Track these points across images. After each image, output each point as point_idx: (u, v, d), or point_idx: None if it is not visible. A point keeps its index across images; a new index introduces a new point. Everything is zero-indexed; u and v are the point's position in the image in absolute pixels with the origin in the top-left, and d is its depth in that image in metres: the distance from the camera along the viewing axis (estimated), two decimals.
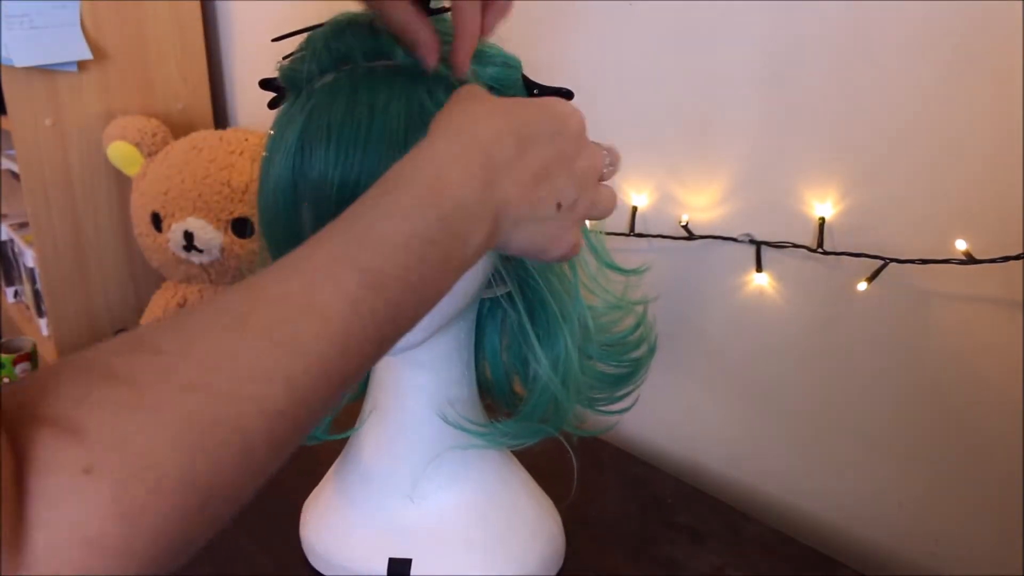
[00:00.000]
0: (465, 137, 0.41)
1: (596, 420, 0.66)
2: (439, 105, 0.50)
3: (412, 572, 0.62)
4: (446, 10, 0.53)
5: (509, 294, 0.59)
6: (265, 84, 0.57)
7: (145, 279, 1.51)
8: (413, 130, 0.49)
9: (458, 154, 0.40)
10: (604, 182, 0.49)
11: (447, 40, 0.51)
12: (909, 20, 0.65)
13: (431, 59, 0.49)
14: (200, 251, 1.31)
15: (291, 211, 0.52)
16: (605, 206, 0.49)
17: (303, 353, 0.33)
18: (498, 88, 0.52)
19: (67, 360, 0.30)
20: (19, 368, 1.57)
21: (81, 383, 0.29)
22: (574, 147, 0.46)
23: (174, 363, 0.30)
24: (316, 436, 0.66)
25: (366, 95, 0.49)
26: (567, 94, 0.55)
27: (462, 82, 0.50)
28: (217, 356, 0.31)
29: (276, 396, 0.31)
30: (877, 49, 0.68)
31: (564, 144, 0.45)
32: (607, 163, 0.49)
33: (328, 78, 0.52)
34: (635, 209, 0.87)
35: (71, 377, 0.29)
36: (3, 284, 1.78)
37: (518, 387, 0.65)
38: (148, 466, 0.28)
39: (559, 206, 0.45)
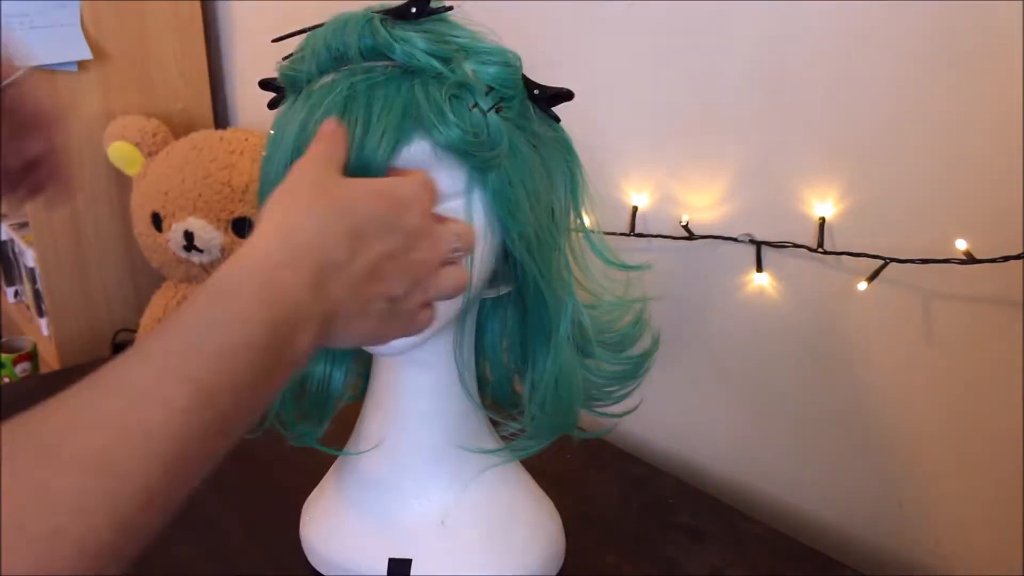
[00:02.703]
0: (297, 239, 0.40)
1: (597, 420, 0.66)
2: (436, 105, 0.49)
3: (412, 572, 0.62)
4: (447, 9, 0.53)
5: (510, 294, 0.59)
6: (265, 84, 0.57)
7: (145, 279, 1.51)
8: (410, 131, 0.49)
9: (288, 260, 0.39)
10: (451, 263, 0.49)
11: (446, 40, 0.51)
12: (909, 20, 0.65)
13: None
14: (200, 251, 1.31)
15: None
16: (448, 290, 0.49)
17: (126, 479, 0.30)
18: (498, 88, 0.52)
19: None
20: (19, 368, 1.57)
21: None
22: (410, 240, 0.45)
23: None
24: (306, 442, 0.65)
25: (364, 96, 0.49)
26: (567, 95, 0.55)
27: (460, 84, 0.50)
28: (23, 493, 0.28)
29: (99, 529, 0.29)
30: (877, 49, 0.68)
31: (399, 238, 0.44)
32: (452, 247, 0.48)
33: (327, 79, 0.52)
34: (635, 209, 0.87)
35: None
36: (3, 284, 1.78)
37: (518, 386, 0.65)
38: None
39: (392, 300, 0.45)
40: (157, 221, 1.34)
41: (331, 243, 0.41)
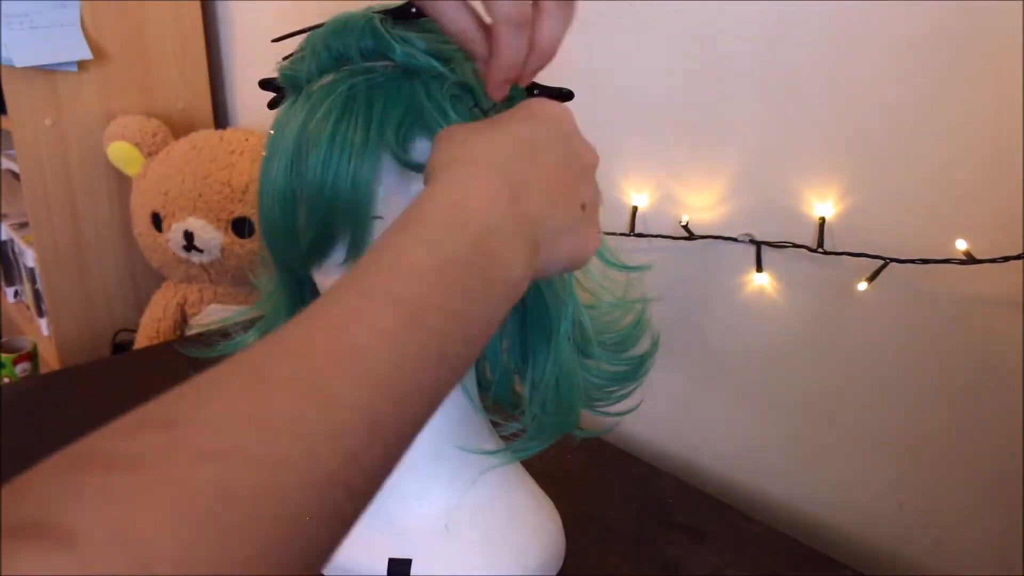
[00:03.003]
0: (475, 163, 0.39)
1: (597, 420, 0.66)
2: (437, 105, 0.49)
3: (412, 572, 0.62)
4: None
5: None
6: (265, 84, 0.57)
7: (145, 279, 1.51)
8: (411, 131, 0.49)
9: (473, 177, 0.38)
10: None
11: (446, 40, 0.51)
12: (909, 20, 0.65)
13: (490, 89, 0.47)
14: (200, 251, 1.31)
15: (289, 212, 0.52)
16: (601, 197, 0.49)
17: (344, 406, 0.28)
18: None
19: (66, 450, 0.25)
20: (19, 368, 1.57)
21: (76, 475, 0.23)
22: (575, 145, 0.45)
23: (184, 434, 0.25)
24: None
25: (364, 96, 0.49)
26: (567, 94, 0.55)
27: (461, 84, 0.50)
28: (236, 418, 0.26)
29: (321, 457, 0.27)
30: (877, 49, 0.68)
31: (567, 144, 0.44)
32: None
33: (327, 79, 0.52)
34: (635, 209, 0.87)
35: (64, 470, 0.24)
36: (3, 284, 1.78)
37: (518, 386, 0.65)
38: (160, 558, 0.22)
39: (583, 207, 0.44)
40: (157, 221, 1.34)
41: (512, 157, 0.41)
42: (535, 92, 0.54)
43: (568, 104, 0.55)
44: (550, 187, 0.42)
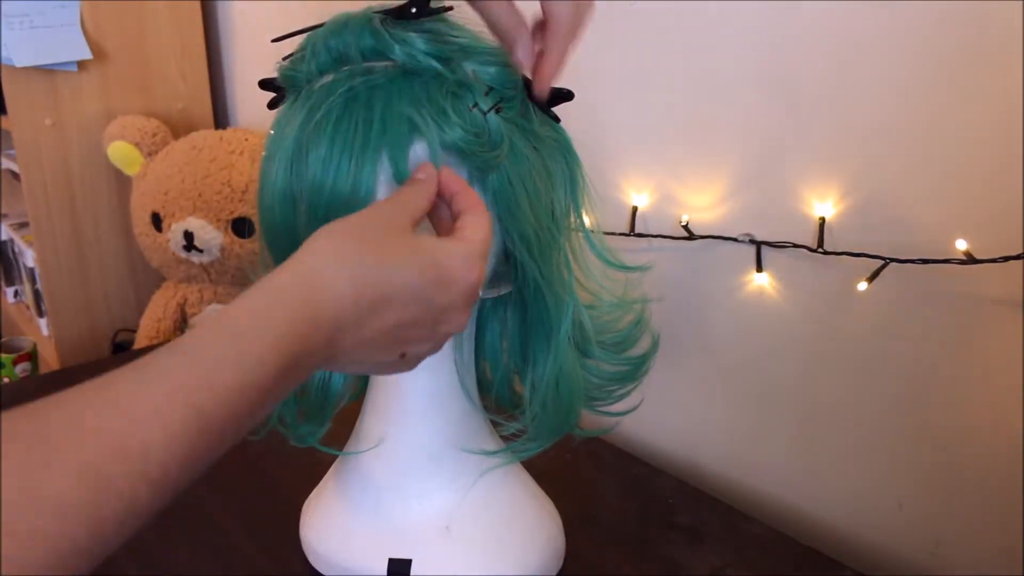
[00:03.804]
0: (325, 294, 0.40)
1: (597, 420, 0.66)
2: (437, 105, 0.49)
3: (412, 572, 0.62)
4: (447, 9, 0.53)
5: (510, 293, 0.59)
6: (265, 84, 0.57)
7: (145, 279, 1.51)
8: (410, 132, 0.49)
9: (315, 313, 0.39)
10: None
11: (445, 40, 0.51)
12: (909, 20, 0.65)
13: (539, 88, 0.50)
14: (200, 251, 1.31)
15: (288, 212, 0.52)
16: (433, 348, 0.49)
17: (114, 494, 0.30)
18: (498, 88, 0.52)
19: None
20: (19, 368, 1.57)
21: None
22: (441, 315, 0.45)
23: None
24: (307, 442, 0.65)
25: (364, 96, 0.49)
26: (567, 95, 0.55)
27: (461, 84, 0.50)
28: (11, 488, 0.28)
29: (76, 537, 0.29)
30: (877, 49, 0.68)
31: (431, 312, 0.44)
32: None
33: (327, 79, 0.51)
34: (635, 209, 0.87)
35: None
36: (3, 284, 1.78)
37: (518, 386, 0.65)
38: None
39: (403, 355, 0.46)
40: (157, 221, 1.34)
41: (358, 307, 0.41)
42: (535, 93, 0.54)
43: (568, 104, 0.55)
44: (375, 339, 0.43)
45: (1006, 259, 0.62)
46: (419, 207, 0.47)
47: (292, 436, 0.65)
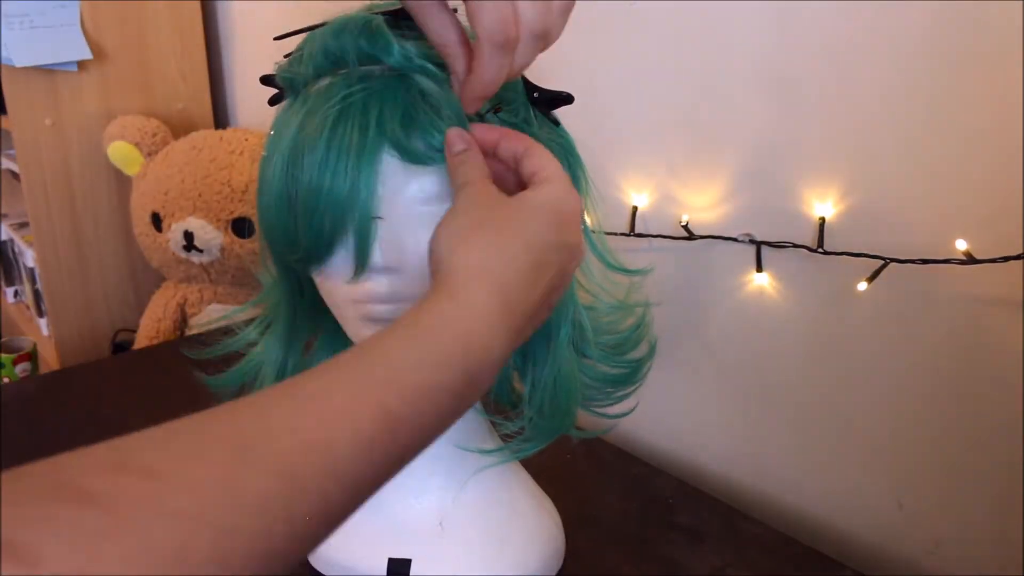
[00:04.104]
0: (484, 278, 0.41)
1: (595, 421, 0.66)
2: (434, 110, 0.49)
3: (412, 572, 0.62)
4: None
5: None
6: (266, 80, 0.57)
7: (145, 279, 1.51)
8: (407, 136, 0.49)
9: (483, 305, 0.40)
10: None
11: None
12: (909, 20, 0.65)
13: (464, 103, 0.48)
14: (200, 251, 1.31)
15: (285, 214, 0.52)
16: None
17: (308, 491, 0.31)
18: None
19: (36, 470, 0.27)
20: (19, 368, 1.57)
21: (52, 503, 0.25)
22: (574, 253, 0.47)
23: (165, 489, 0.27)
24: None
25: (361, 100, 0.49)
26: (567, 99, 0.54)
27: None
28: (212, 486, 0.28)
29: (273, 534, 0.30)
30: (877, 49, 0.68)
31: (566, 255, 0.46)
32: None
33: (323, 82, 0.51)
34: (635, 209, 0.87)
35: (41, 495, 0.26)
36: (3, 284, 1.78)
37: (518, 384, 0.65)
38: None
39: (551, 308, 0.47)
40: (157, 221, 1.34)
41: (520, 283, 0.42)
42: (535, 95, 0.54)
43: (568, 107, 0.55)
44: (540, 301, 0.44)
45: (1006, 259, 0.62)
46: (488, 176, 0.47)
47: None
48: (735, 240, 0.80)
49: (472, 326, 0.39)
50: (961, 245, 0.65)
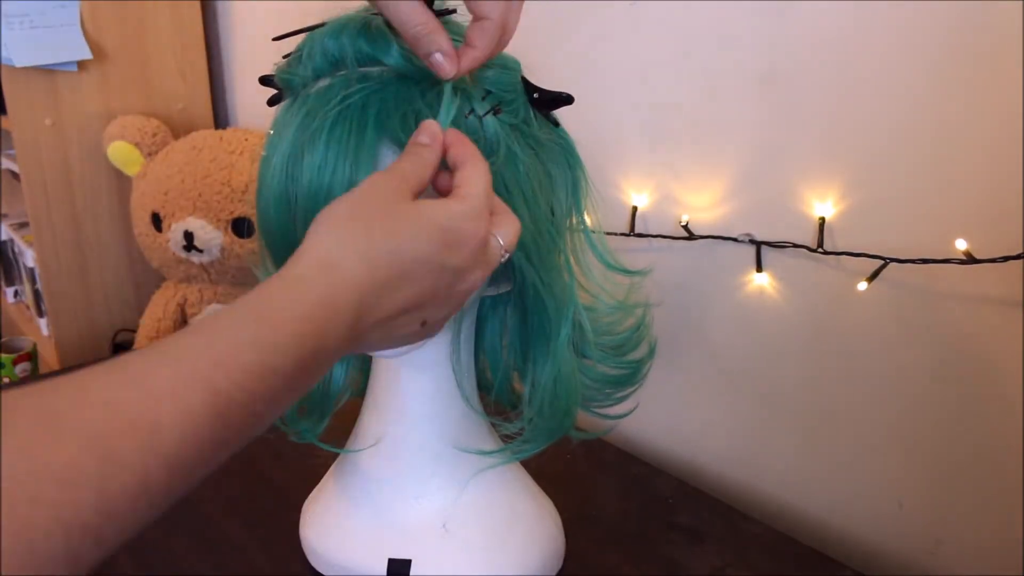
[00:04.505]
0: (341, 277, 0.40)
1: (595, 421, 0.66)
2: (433, 110, 0.49)
3: (412, 572, 0.62)
4: (450, 12, 0.52)
5: (510, 292, 0.59)
6: (265, 81, 0.57)
7: (145, 279, 1.51)
8: (406, 136, 0.49)
9: (328, 298, 0.39)
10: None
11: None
12: (909, 19, 0.65)
13: (447, 69, 0.47)
14: (200, 251, 1.31)
15: (284, 214, 0.52)
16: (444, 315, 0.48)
17: (122, 467, 0.30)
18: (495, 92, 0.52)
19: None
20: (19, 368, 1.57)
21: None
22: (458, 276, 0.45)
23: None
24: (306, 438, 0.65)
25: (359, 101, 0.49)
26: (567, 99, 0.54)
27: (457, 89, 0.50)
28: (17, 455, 0.28)
29: (82, 506, 0.28)
30: (877, 49, 0.68)
31: (446, 277, 0.44)
32: (502, 260, 0.48)
33: (322, 83, 0.51)
34: (635, 209, 0.87)
35: None
36: (3, 284, 1.78)
37: (518, 384, 0.65)
38: None
39: (423, 323, 0.45)
40: (157, 221, 1.34)
41: (374, 288, 0.41)
42: (535, 96, 0.54)
43: (568, 107, 0.55)
44: (396, 313, 0.43)
45: (1006, 259, 0.62)
46: (420, 177, 0.46)
47: (292, 432, 0.65)
48: (735, 240, 0.80)
49: (309, 312, 0.38)
50: (961, 245, 0.65)
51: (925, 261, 0.67)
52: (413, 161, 0.46)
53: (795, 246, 0.76)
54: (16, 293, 1.75)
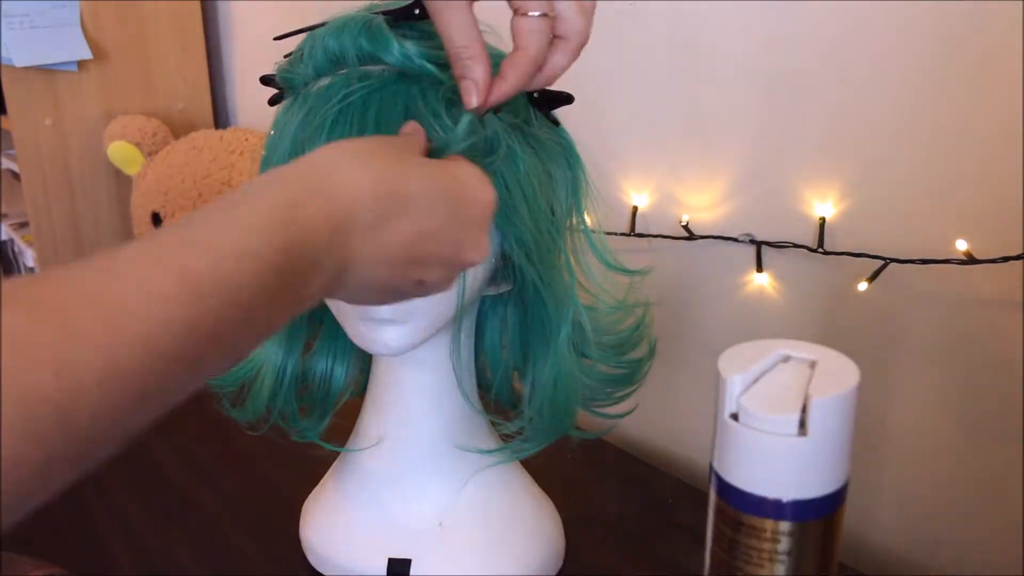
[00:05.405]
0: (341, 176, 0.37)
1: (595, 421, 0.66)
2: (433, 110, 0.49)
3: (412, 572, 0.62)
4: None
5: (510, 291, 0.59)
6: (266, 80, 0.57)
7: None
8: None
9: (325, 192, 0.36)
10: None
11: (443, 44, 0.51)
12: (909, 19, 0.65)
13: (471, 101, 0.45)
14: None
15: None
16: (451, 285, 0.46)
17: (82, 339, 0.27)
18: None
19: None
20: None
21: None
22: (465, 231, 0.43)
23: None
24: (307, 437, 0.65)
25: (360, 100, 0.49)
26: (567, 99, 0.54)
27: (457, 88, 0.50)
28: None
29: (42, 380, 0.26)
30: (877, 49, 0.68)
31: (453, 226, 0.42)
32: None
33: (323, 82, 0.51)
34: (635, 209, 0.87)
35: None
36: None
37: (518, 383, 0.65)
38: None
39: (421, 282, 0.42)
40: (157, 221, 1.34)
41: (375, 200, 0.38)
42: (535, 95, 0.54)
43: (568, 107, 0.55)
44: (397, 252, 0.40)
45: (1006, 259, 0.62)
46: (421, 143, 0.45)
47: (293, 432, 0.65)
48: (735, 240, 0.80)
49: (294, 198, 0.35)
50: (961, 245, 0.65)
51: (925, 261, 0.67)
52: (411, 133, 0.46)
53: (795, 246, 0.76)
54: None
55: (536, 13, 0.43)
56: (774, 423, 0.41)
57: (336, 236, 0.36)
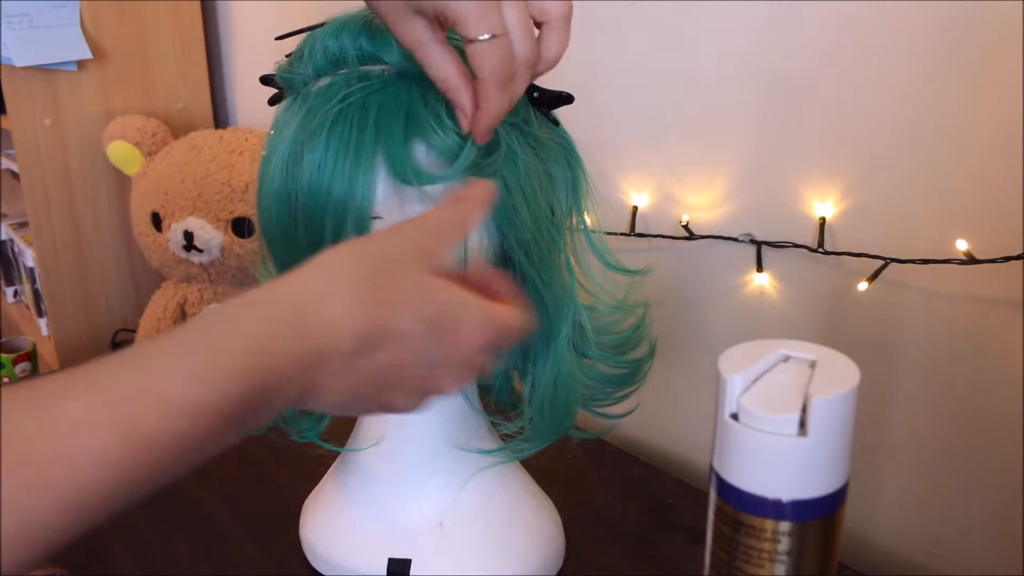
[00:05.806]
0: (315, 319, 0.35)
1: (596, 421, 0.66)
2: (433, 110, 0.49)
3: (412, 572, 0.62)
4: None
5: None
6: (266, 80, 0.57)
7: (145, 279, 1.51)
8: (407, 136, 0.49)
9: (295, 327, 0.35)
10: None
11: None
12: (909, 19, 0.65)
13: (466, 126, 0.46)
14: (200, 251, 1.31)
15: (285, 213, 0.52)
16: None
17: (8, 506, 0.28)
18: None
19: None
20: (19, 368, 1.57)
21: None
22: (443, 367, 0.40)
23: None
24: (307, 437, 0.66)
25: (360, 100, 0.49)
26: (567, 99, 0.54)
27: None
28: None
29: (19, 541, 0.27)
30: (877, 49, 0.68)
31: (429, 359, 0.39)
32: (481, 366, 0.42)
33: (323, 82, 0.51)
34: (635, 209, 0.87)
35: None
36: (3, 284, 1.78)
37: (518, 383, 0.65)
38: None
39: (387, 405, 0.40)
40: (157, 221, 1.34)
41: (346, 338, 0.36)
42: (535, 95, 0.54)
43: (568, 106, 0.55)
44: (363, 382, 0.38)
45: (1006, 259, 0.62)
46: (449, 239, 0.42)
47: (293, 431, 0.65)
48: (735, 240, 0.80)
49: (262, 345, 0.34)
50: (961, 245, 0.65)
51: (925, 261, 0.67)
52: (448, 219, 0.43)
53: (795, 246, 0.76)
54: (16, 293, 1.75)
55: (485, 36, 0.42)
56: (774, 423, 0.41)
57: (305, 373, 0.35)
